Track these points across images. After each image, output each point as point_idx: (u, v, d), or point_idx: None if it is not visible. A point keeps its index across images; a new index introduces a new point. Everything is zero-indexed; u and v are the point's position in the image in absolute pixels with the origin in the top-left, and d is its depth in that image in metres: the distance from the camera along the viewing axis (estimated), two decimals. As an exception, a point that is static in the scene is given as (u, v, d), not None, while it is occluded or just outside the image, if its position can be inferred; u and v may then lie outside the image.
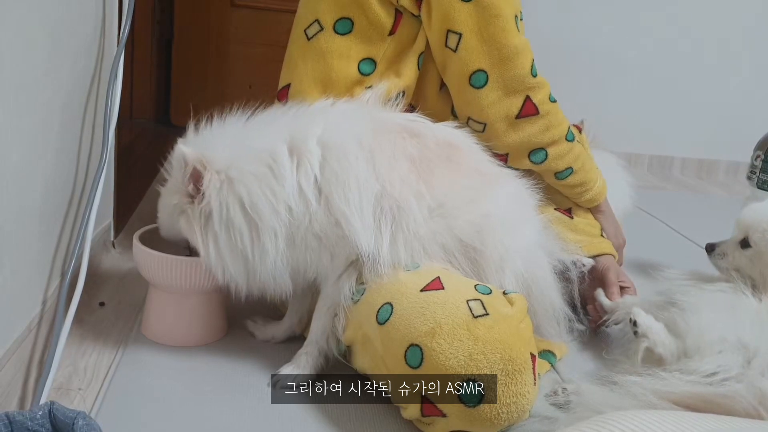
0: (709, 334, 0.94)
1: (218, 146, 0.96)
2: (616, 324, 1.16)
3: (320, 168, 0.94)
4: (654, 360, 0.98)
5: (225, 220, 0.94)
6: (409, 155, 0.99)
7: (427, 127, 1.05)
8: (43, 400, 0.84)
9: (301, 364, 1.00)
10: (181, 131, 1.02)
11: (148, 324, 1.10)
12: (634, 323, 1.00)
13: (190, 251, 1.03)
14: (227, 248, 0.95)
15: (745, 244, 1.07)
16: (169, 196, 1.00)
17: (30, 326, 0.95)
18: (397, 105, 1.09)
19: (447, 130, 1.07)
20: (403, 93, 1.15)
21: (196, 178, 0.95)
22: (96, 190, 1.10)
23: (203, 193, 0.94)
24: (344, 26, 1.13)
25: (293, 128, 0.97)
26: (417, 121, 1.05)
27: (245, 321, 1.14)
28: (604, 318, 1.16)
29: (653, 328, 0.99)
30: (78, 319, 1.03)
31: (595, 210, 1.32)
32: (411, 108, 1.15)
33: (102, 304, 1.19)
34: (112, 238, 1.42)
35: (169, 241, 1.05)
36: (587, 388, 0.97)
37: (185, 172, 0.95)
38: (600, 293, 1.19)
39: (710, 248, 1.12)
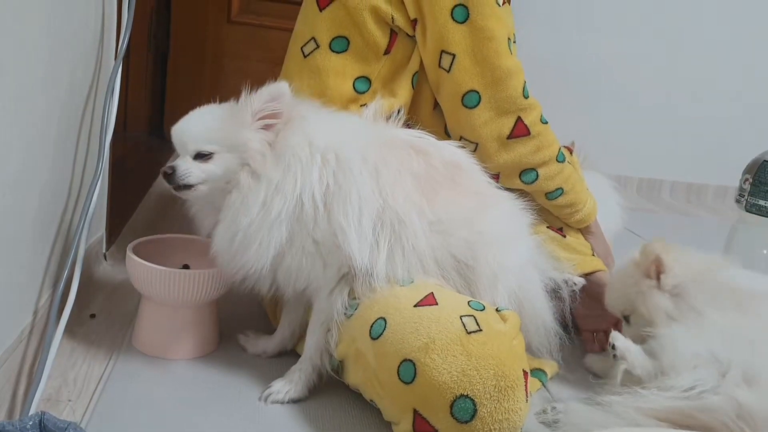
0: (683, 350, 0.96)
1: None
2: None
3: (334, 177, 0.95)
4: (634, 381, 0.99)
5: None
6: (415, 172, 1.00)
7: (434, 145, 1.05)
8: (32, 411, 0.83)
9: (293, 380, 1.00)
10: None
11: (139, 336, 1.10)
12: (613, 346, 1.01)
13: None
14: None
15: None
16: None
17: (21, 336, 0.95)
18: (398, 121, 1.09)
19: (452, 149, 1.08)
20: (400, 110, 1.16)
21: None
22: (90, 202, 1.10)
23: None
24: (340, 45, 1.14)
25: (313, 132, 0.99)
26: (423, 138, 1.06)
27: (237, 335, 1.14)
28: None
29: (631, 350, 1.00)
30: (69, 330, 1.03)
31: (585, 231, 1.33)
32: (407, 126, 1.16)
33: (93, 315, 1.18)
34: (104, 250, 1.42)
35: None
36: (575, 407, 0.98)
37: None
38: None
39: None
